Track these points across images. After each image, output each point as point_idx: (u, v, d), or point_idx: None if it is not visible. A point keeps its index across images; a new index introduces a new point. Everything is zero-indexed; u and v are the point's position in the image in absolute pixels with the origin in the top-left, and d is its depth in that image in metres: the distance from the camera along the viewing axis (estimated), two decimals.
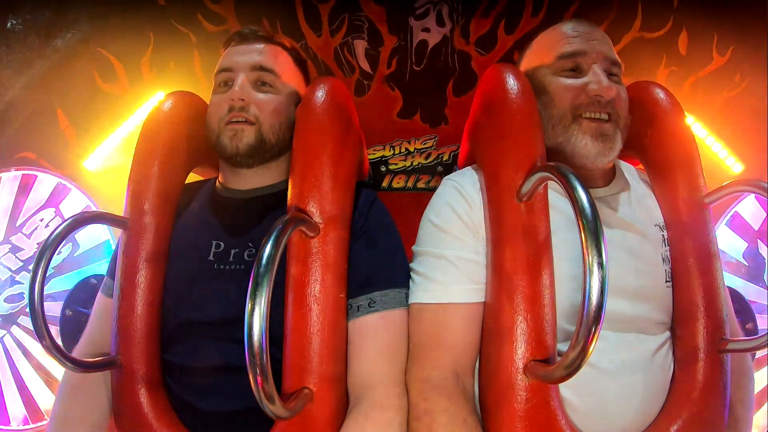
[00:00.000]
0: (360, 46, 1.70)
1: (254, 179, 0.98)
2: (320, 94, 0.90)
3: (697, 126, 1.59)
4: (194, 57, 1.70)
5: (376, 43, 1.70)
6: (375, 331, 0.84)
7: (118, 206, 0.95)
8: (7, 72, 1.62)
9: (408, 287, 0.88)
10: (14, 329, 1.59)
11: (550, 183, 0.81)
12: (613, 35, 1.08)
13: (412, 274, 0.89)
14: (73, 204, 1.64)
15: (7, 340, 1.59)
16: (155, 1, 1.68)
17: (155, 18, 1.68)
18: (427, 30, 1.69)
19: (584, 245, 0.62)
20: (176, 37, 1.68)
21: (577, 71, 0.90)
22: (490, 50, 1.68)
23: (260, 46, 0.98)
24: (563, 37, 0.92)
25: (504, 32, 1.68)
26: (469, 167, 0.98)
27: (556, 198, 0.87)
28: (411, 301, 0.87)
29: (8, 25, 1.60)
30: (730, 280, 1.53)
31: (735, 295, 1.47)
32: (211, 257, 0.91)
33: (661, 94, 0.96)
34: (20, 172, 1.63)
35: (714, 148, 1.60)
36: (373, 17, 1.69)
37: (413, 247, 0.92)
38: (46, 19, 1.64)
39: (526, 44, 1.03)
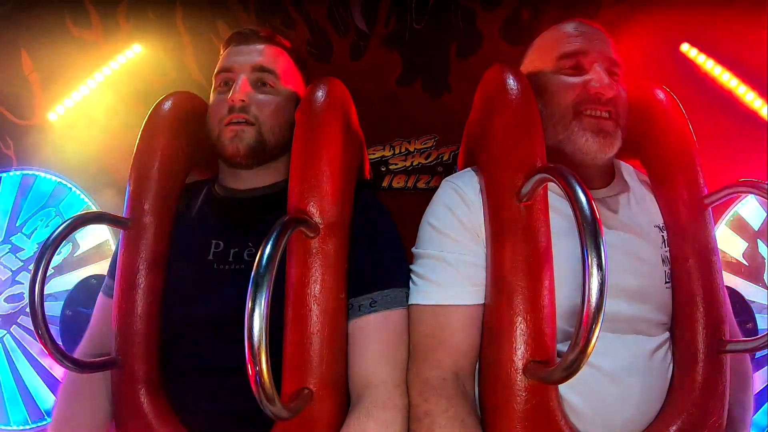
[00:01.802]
0: (356, 2, 1.56)
1: (254, 179, 0.98)
2: (320, 94, 0.90)
3: (727, 76, 1.49)
4: (176, 10, 1.53)
5: None
6: (376, 331, 0.84)
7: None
8: None
9: (408, 287, 0.89)
10: (14, 329, 1.59)
11: (550, 184, 0.81)
12: None
13: (411, 275, 0.89)
14: (74, 204, 1.64)
15: (7, 340, 1.59)
16: None
17: None
18: None
19: (583, 246, 0.62)
20: None
21: (577, 70, 0.90)
22: (496, 6, 1.53)
23: (260, 46, 0.98)
24: (564, 36, 0.93)
25: None
26: (468, 168, 0.98)
27: (556, 199, 0.87)
28: (411, 302, 0.87)
29: None
30: (730, 280, 1.53)
31: (735, 295, 1.47)
32: (210, 257, 0.91)
33: (661, 95, 0.96)
34: (21, 172, 1.63)
35: (744, 96, 1.49)
36: None
37: (413, 249, 0.92)
38: None
39: (527, 45, 1.03)
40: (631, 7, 1.53)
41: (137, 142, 0.97)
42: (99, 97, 1.52)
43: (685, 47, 1.51)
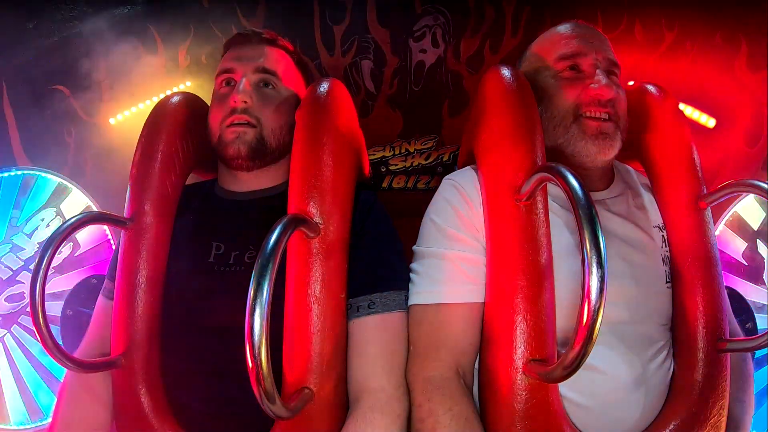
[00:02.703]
0: (366, 66, 1.83)
1: (254, 181, 0.98)
2: (320, 94, 0.90)
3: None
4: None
5: (381, 63, 1.83)
6: (375, 334, 0.84)
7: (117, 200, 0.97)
8: (69, 14, 1.78)
9: (407, 289, 0.89)
10: (15, 329, 1.59)
11: (550, 184, 0.81)
12: None
13: (412, 274, 0.89)
14: (74, 204, 1.65)
15: (8, 339, 1.59)
16: (201, 1, 1.87)
17: (198, 15, 1.85)
18: (423, 51, 1.83)
19: (583, 245, 0.62)
20: (212, 37, 1.84)
21: (576, 71, 0.90)
22: (479, 69, 1.81)
23: (262, 48, 0.98)
24: (562, 38, 0.93)
25: (490, 51, 1.81)
26: (468, 167, 0.98)
27: (556, 199, 0.87)
28: (411, 301, 0.87)
29: None
30: (730, 280, 1.53)
31: (735, 295, 1.47)
32: (211, 259, 0.91)
33: (660, 96, 0.96)
34: (21, 172, 1.64)
35: (687, 111, 1.70)
36: (379, 39, 1.83)
37: (414, 247, 0.92)
38: None
39: (525, 46, 1.03)
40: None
41: (138, 142, 0.97)
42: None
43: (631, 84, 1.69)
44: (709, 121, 1.69)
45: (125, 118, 1.81)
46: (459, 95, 1.81)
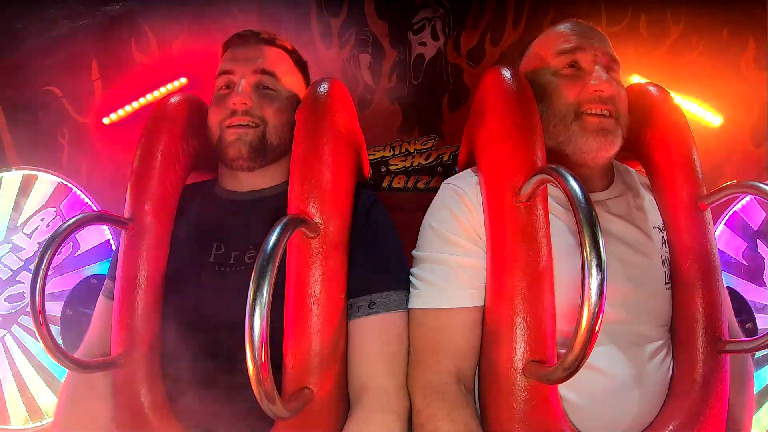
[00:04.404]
0: (364, 59, 1.78)
1: (254, 181, 0.98)
2: (320, 94, 0.90)
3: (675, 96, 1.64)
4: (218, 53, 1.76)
5: (379, 56, 1.78)
6: (375, 334, 0.84)
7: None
8: (59, 13, 1.72)
9: (408, 289, 0.89)
10: (15, 329, 1.59)
11: (550, 185, 0.81)
12: None
13: (412, 278, 0.89)
14: (74, 204, 1.64)
15: (8, 339, 1.59)
16: None
17: (191, 10, 1.79)
18: (423, 44, 1.78)
19: (583, 247, 0.62)
20: (206, 32, 1.78)
21: (576, 69, 0.90)
22: (479, 62, 1.77)
23: (261, 48, 0.98)
24: (562, 35, 0.93)
25: (491, 44, 1.77)
26: (468, 170, 0.98)
27: (555, 200, 0.87)
28: (411, 306, 0.87)
29: None
30: (730, 280, 1.53)
31: (735, 295, 1.47)
32: (211, 259, 0.91)
33: (660, 96, 0.96)
34: (21, 172, 1.63)
35: (692, 108, 1.66)
36: (377, 31, 1.79)
37: (413, 252, 0.92)
38: None
39: (525, 46, 1.03)
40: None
41: (138, 142, 0.97)
42: (142, 114, 1.74)
43: (635, 79, 1.65)
44: (715, 119, 1.66)
45: (119, 117, 1.77)
46: (459, 89, 1.77)
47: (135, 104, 1.77)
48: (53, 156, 1.76)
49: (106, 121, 1.77)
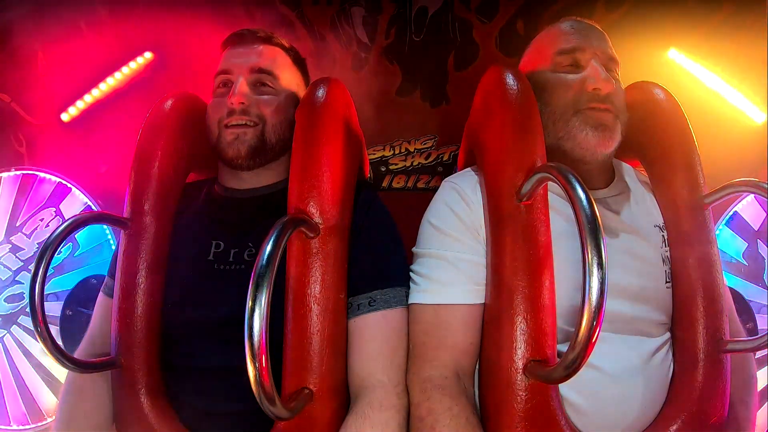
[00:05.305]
0: (357, 13, 1.58)
1: (253, 179, 0.98)
2: (320, 94, 0.90)
3: (716, 79, 1.51)
4: (186, 16, 1.54)
5: (375, 9, 1.58)
6: (375, 330, 0.84)
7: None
8: None
9: (408, 286, 0.89)
10: (14, 329, 1.59)
11: (550, 184, 0.81)
12: None
13: (412, 275, 0.89)
14: (74, 204, 1.64)
15: (7, 339, 1.59)
16: None
17: None
18: None
19: (583, 245, 0.62)
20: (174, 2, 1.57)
21: (575, 67, 0.91)
22: (492, 18, 1.55)
23: (258, 47, 0.98)
24: (561, 34, 0.94)
25: None
26: (468, 168, 0.98)
27: (556, 199, 0.87)
28: (411, 301, 0.87)
29: None
30: (730, 280, 1.53)
31: (735, 295, 1.47)
32: (211, 257, 0.91)
33: (660, 95, 0.96)
34: (21, 172, 1.63)
35: (733, 100, 1.51)
36: None
37: (413, 249, 0.92)
38: None
39: (525, 45, 1.03)
40: (621, 16, 1.56)
41: (137, 141, 0.97)
42: (109, 100, 1.58)
43: (672, 53, 1.54)
44: (759, 116, 1.49)
45: (79, 111, 1.58)
46: (467, 46, 1.54)
47: (96, 92, 1.58)
48: (14, 165, 1.60)
49: (65, 117, 1.59)
